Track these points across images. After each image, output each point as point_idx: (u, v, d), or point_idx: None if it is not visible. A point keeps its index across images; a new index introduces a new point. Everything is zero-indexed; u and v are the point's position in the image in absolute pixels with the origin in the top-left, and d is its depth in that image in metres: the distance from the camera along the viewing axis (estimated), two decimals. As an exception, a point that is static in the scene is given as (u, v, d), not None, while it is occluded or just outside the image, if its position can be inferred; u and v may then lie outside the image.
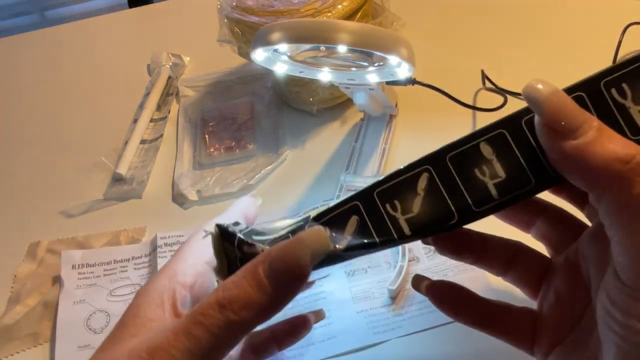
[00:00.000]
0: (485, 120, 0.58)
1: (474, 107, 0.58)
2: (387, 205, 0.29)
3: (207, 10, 0.70)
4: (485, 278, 0.43)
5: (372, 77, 0.48)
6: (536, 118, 0.26)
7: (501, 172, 0.27)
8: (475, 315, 0.33)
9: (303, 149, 0.60)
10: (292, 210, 0.53)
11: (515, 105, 0.60)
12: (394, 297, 0.44)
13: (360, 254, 0.29)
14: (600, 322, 0.26)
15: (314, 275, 0.35)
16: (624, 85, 0.26)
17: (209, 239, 0.30)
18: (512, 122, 0.28)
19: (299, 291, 0.26)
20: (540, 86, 0.25)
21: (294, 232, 0.30)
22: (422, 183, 0.28)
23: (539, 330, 0.31)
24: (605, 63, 0.60)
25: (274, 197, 0.56)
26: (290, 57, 0.48)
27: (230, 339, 0.25)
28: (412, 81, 0.53)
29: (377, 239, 0.29)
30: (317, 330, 0.43)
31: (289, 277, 0.26)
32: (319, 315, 0.39)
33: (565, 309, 0.30)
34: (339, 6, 0.55)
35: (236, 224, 0.31)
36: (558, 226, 0.33)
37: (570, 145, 0.24)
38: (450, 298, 0.33)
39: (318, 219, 0.30)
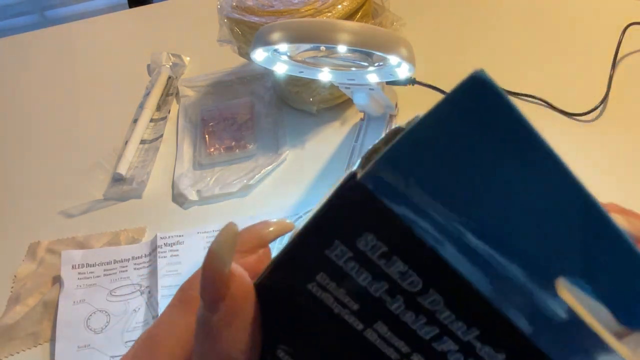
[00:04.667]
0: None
1: (474, 107, 0.58)
2: None
3: (207, 10, 0.70)
4: None
5: (372, 77, 0.48)
6: None
7: None
8: None
9: (303, 149, 0.60)
10: (292, 210, 0.53)
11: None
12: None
13: None
14: None
15: None
16: None
17: None
18: None
19: None
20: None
21: None
22: None
23: None
24: (606, 63, 0.60)
25: (274, 197, 0.56)
26: (290, 57, 0.48)
27: None
28: (412, 81, 0.53)
29: None
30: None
31: None
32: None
33: None
34: (339, 6, 0.55)
35: None
36: None
37: None
38: None
39: None
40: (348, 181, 0.15)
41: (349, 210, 0.15)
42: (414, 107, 0.60)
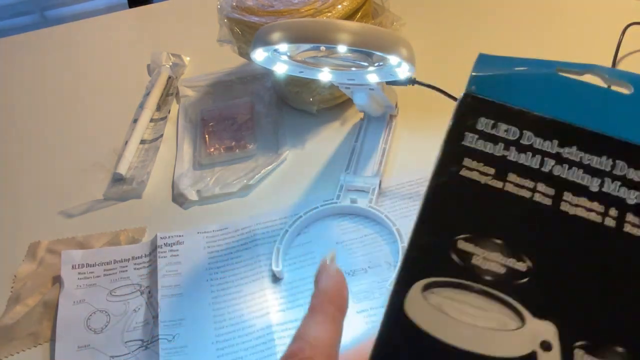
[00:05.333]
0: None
1: (474, 107, 0.58)
2: None
3: (207, 10, 0.70)
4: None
5: (372, 77, 0.48)
6: None
7: None
8: None
9: (303, 149, 0.60)
10: (292, 210, 0.53)
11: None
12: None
13: None
14: None
15: None
16: None
17: None
18: None
19: None
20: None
21: None
22: None
23: None
24: (606, 63, 0.60)
25: (274, 197, 0.56)
26: (290, 57, 0.48)
27: None
28: (412, 81, 0.53)
29: None
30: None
31: None
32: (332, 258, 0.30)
33: None
34: (339, 6, 0.55)
35: None
36: None
37: None
38: None
39: None
40: (463, 96, 0.24)
41: (468, 110, 0.24)
42: (414, 107, 0.61)
